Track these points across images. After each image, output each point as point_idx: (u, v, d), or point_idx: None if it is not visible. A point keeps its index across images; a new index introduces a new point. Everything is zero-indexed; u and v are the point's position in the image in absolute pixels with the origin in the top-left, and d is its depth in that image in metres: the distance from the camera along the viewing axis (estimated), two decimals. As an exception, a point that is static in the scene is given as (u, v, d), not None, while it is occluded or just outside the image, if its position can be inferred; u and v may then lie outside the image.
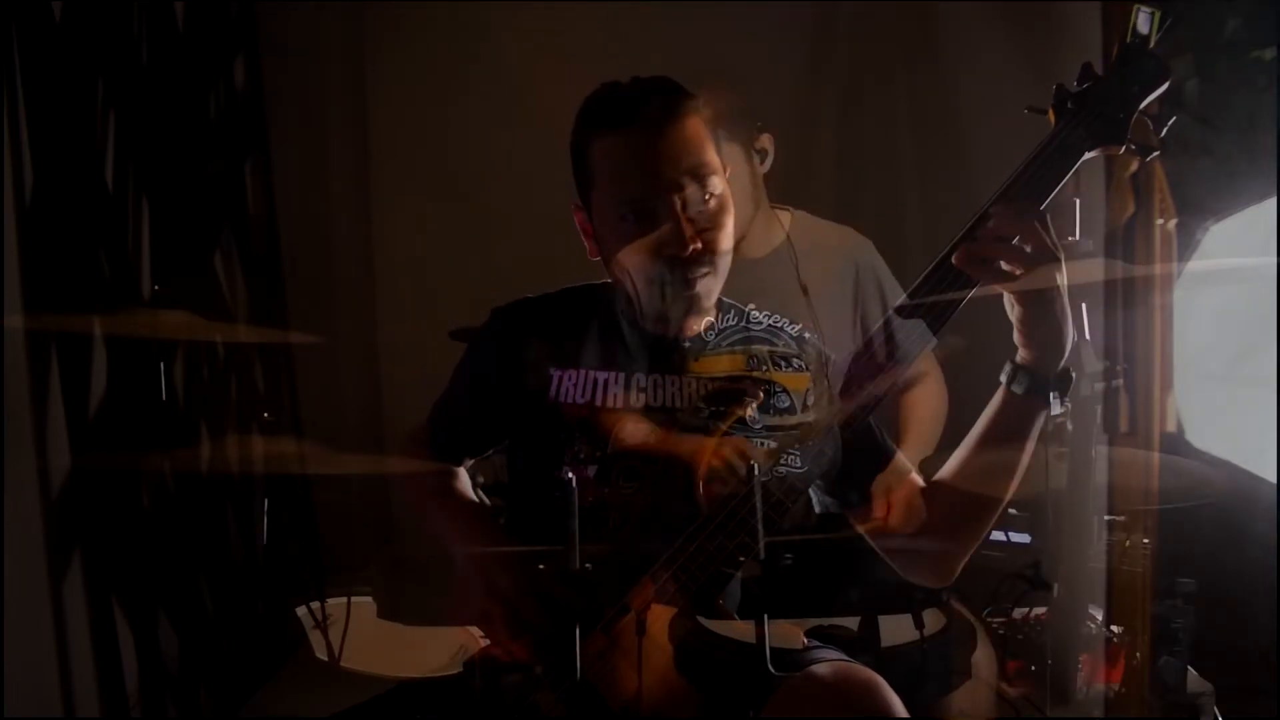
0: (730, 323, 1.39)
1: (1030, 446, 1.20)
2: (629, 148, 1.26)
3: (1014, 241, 1.12)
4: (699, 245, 1.24)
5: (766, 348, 1.37)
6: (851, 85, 2.97)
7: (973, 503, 1.25)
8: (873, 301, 2.01)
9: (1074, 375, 1.18)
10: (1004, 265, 1.12)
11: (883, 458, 1.34)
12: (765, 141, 2.01)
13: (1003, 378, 1.19)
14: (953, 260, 1.13)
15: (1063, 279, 1.13)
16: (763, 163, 2.02)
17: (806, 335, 1.40)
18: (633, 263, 1.27)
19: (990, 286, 1.14)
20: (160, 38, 2.28)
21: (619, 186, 1.26)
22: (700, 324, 1.36)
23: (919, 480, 1.33)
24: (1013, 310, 1.16)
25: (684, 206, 1.24)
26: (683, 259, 1.25)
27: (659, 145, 1.24)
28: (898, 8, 2.90)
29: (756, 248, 2.02)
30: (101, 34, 2.05)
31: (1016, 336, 1.17)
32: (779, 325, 1.40)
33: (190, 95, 2.43)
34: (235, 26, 2.67)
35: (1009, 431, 1.19)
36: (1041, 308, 1.13)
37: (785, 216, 2.06)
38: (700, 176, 1.25)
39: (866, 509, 1.32)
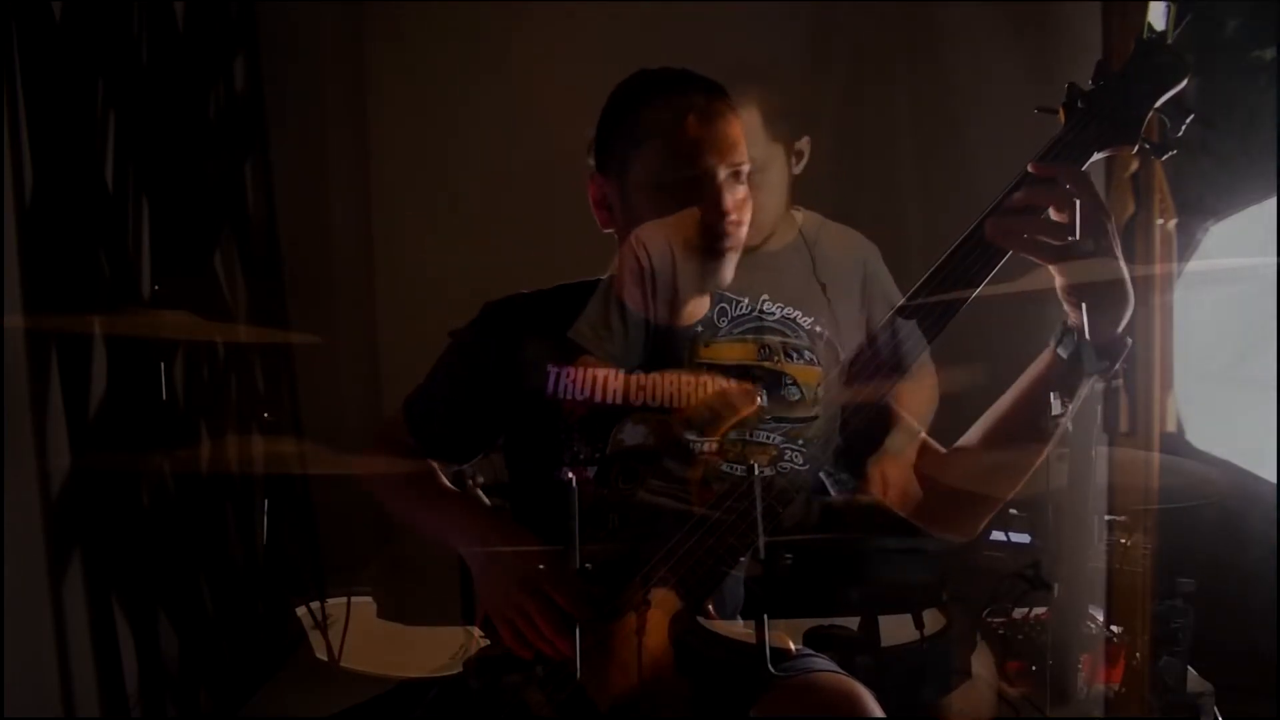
0: (743, 311, 1.38)
1: (1071, 412, 1.15)
2: (685, 116, 1.26)
3: (1052, 209, 1.09)
4: (735, 217, 1.26)
5: (779, 339, 1.36)
6: (851, 85, 2.97)
7: (1002, 464, 1.22)
8: (879, 306, 2.02)
9: (1130, 342, 1.12)
10: (1044, 236, 1.08)
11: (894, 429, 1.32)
12: (804, 144, 2.04)
13: (1051, 339, 1.14)
14: (984, 233, 1.10)
15: (1115, 237, 1.08)
16: (797, 164, 2.04)
17: (819, 330, 1.40)
18: (666, 229, 1.27)
19: (1029, 258, 1.10)
20: (160, 38, 2.28)
21: (670, 150, 1.25)
22: (699, 310, 1.35)
23: (934, 444, 1.32)
24: (1060, 279, 1.10)
25: (723, 179, 1.26)
26: (717, 230, 1.25)
27: (712, 119, 1.26)
28: (898, 7, 2.89)
29: (773, 241, 2.03)
30: (101, 34, 2.05)
31: (1066, 304, 1.12)
32: (792, 318, 1.40)
33: (190, 95, 2.43)
34: (235, 26, 2.67)
35: (1048, 395, 1.15)
36: (1096, 271, 1.08)
37: (797, 215, 2.08)
38: (739, 160, 1.27)
39: (881, 480, 1.31)
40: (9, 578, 1.68)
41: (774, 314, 1.39)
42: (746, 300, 1.40)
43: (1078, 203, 1.08)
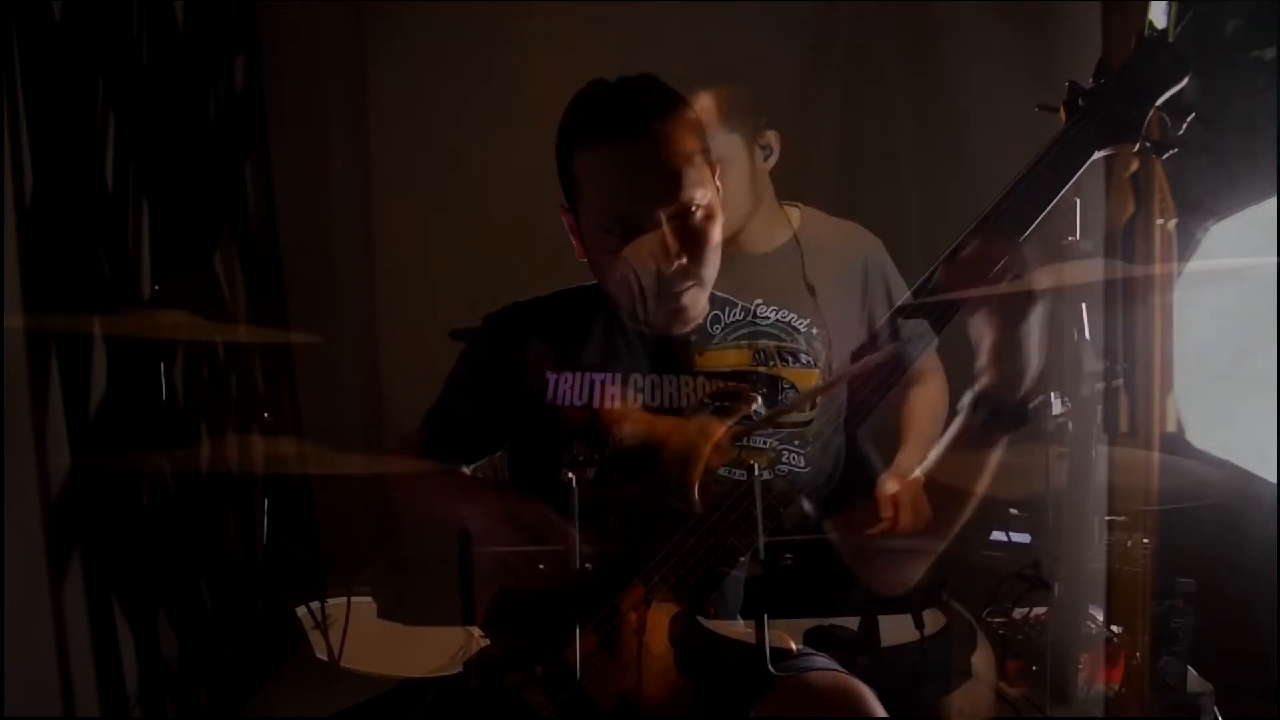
0: (736, 317, 1.37)
1: (989, 470, 1.17)
2: (612, 162, 1.23)
3: (992, 272, 1.10)
4: (684, 260, 1.23)
5: (774, 343, 1.36)
6: (851, 85, 2.97)
7: (931, 519, 1.23)
8: (879, 301, 2.00)
9: (1032, 409, 1.15)
10: (978, 295, 1.11)
11: (862, 469, 1.32)
12: (770, 138, 2.00)
13: (960, 405, 1.17)
14: (933, 280, 1.13)
15: (1039, 313, 1.11)
16: (767, 159, 2.01)
17: (814, 331, 1.39)
18: (619, 276, 1.27)
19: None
20: (160, 38, 2.28)
21: (603, 201, 1.24)
22: (688, 325, 1.35)
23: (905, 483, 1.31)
24: (980, 336, 1.14)
25: (669, 220, 1.22)
26: (668, 274, 1.23)
27: (642, 159, 1.22)
28: (898, 8, 2.90)
29: (759, 244, 2.01)
30: (101, 34, 2.05)
31: (981, 361, 1.14)
32: (786, 320, 1.39)
33: (190, 95, 2.43)
34: (235, 26, 2.67)
35: (967, 456, 1.17)
36: (1011, 343, 1.11)
37: (794, 213, 2.06)
38: (685, 187, 1.22)
39: (844, 515, 1.30)
40: (9, 578, 1.68)
41: (768, 318, 1.39)
42: (740, 305, 1.39)
43: (1077, 201, 1.09)
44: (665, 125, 1.23)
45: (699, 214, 1.24)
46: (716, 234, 1.27)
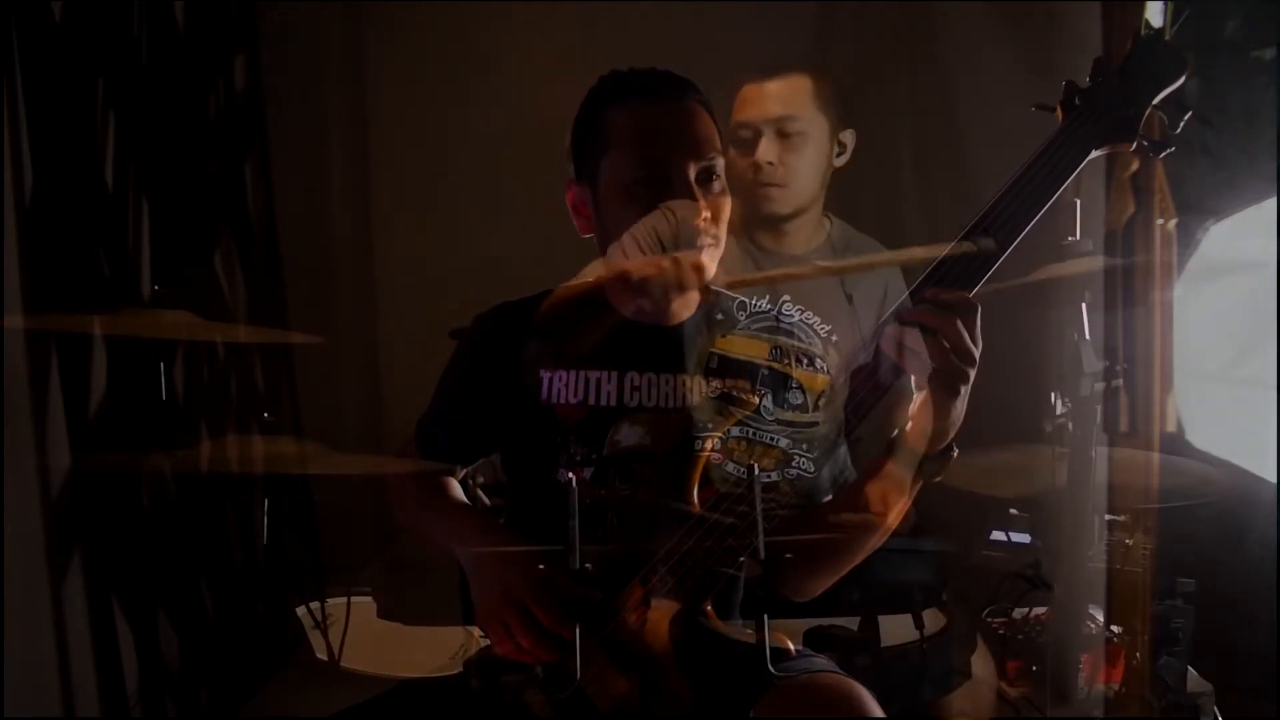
0: (762, 308, 1.40)
1: (905, 506, 1.21)
2: (648, 117, 1.28)
3: (936, 335, 1.11)
4: (708, 214, 1.26)
5: (792, 342, 1.37)
6: (851, 85, 2.97)
7: (840, 544, 1.27)
8: None
9: (955, 453, 1.18)
10: (923, 358, 1.12)
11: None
12: (848, 136, 2.04)
13: (888, 446, 1.19)
14: (879, 344, 1.14)
15: (969, 380, 1.13)
16: (839, 155, 2.03)
17: (835, 339, 1.40)
18: (642, 230, 1.28)
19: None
20: (160, 38, 2.28)
21: (636, 152, 1.27)
22: (688, 308, 1.35)
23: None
24: (917, 393, 1.16)
25: (695, 177, 1.26)
26: (692, 224, 1.25)
27: (677, 118, 1.28)
28: (898, 7, 2.89)
29: (800, 243, 2.02)
30: (101, 34, 2.05)
31: (914, 413, 1.17)
32: (809, 323, 1.41)
33: (190, 95, 2.43)
34: (235, 26, 2.67)
35: (885, 492, 1.21)
36: (945, 404, 1.14)
37: (827, 222, 2.07)
38: (709, 156, 1.28)
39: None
40: (9, 578, 1.68)
41: (791, 316, 1.40)
42: (767, 299, 1.40)
43: (1077, 201, 1.09)
44: (694, 99, 1.30)
45: (717, 184, 1.29)
46: (728, 211, 1.31)
